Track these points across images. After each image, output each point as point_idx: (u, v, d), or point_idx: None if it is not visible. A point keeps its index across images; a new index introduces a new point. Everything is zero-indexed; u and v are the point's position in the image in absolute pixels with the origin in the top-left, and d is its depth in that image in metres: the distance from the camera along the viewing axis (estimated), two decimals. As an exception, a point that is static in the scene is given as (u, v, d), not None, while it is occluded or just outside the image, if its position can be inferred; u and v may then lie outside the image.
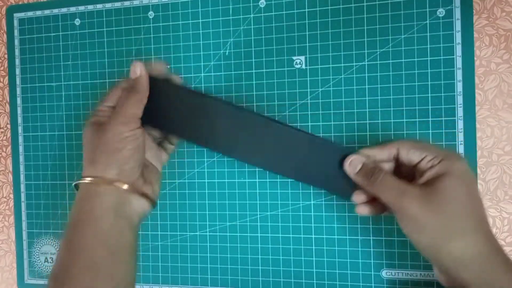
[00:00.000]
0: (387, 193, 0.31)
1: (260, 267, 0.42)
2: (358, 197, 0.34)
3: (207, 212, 0.43)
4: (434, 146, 0.32)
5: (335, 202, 0.40)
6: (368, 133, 0.39)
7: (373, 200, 0.34)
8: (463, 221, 0.29)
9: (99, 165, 0.33)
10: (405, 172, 0.33)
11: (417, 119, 0.38)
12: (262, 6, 0.41)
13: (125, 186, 0.33)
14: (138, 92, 0.34)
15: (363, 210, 0.34)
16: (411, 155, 0.32)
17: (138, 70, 0.35)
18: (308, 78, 0.40)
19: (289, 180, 0.41)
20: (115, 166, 0.33)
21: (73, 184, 0.35)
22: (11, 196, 0.48)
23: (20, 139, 0.47)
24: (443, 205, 0.29)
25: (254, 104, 0.41)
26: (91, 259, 0.31)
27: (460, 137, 0.37)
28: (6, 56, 0.48)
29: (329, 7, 0.39)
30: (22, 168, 0.47)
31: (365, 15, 0.39)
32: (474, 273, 0.28)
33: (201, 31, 0.42)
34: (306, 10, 0.40)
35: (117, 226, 0.33)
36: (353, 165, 0.33)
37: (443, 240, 0.29)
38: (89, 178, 0.33)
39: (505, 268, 0.28)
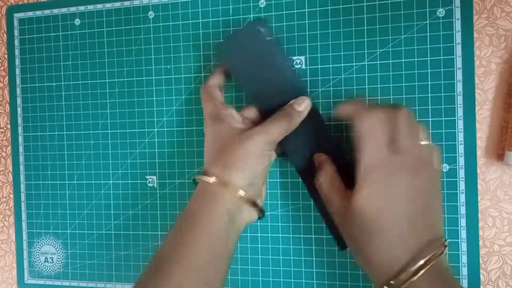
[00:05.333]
0: (321, 196, 0.35)
1: (260, 267, 0.42)
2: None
3: (207, 212, 0.42)
4: (375, 149, 0.31)
5: (335, 202, 0.40)
6: (368, 133, 0.39)
7: None
8: (369, 243, 0.30)
9: (233, 170, 0.33)
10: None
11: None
12: (262, 6, 0.41)
13: (242, 193, 0.33)
14: (292, 124, 0.35)
15: None
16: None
17: (303, 106, 0.36)
18: (308, 78, 0.40)
19: (289, 180, 0.41)
20: (249, 177, 0.33)
21: (194, 177, 0.35)
22: (11, 196, 0.48)
23: (20, 139, 0.47)
24: (354, 223, 0.30)
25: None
26: (198, 262, 0.31)
27: (460, 137, 0.37)
28: (6, 56, 0.48)
29: (329, 7, 0.39)
30: (22, 168, 0.47)
31: (365, 15, 0.39)
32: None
33: (201, 31, 0.42)
34: (306, 10, 0.40)
35: (227, 232, 0.33)
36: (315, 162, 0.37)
37: (354, 253, 0.32)
38: (214, 179, 0.33)
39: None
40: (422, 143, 0.31)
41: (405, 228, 0.29)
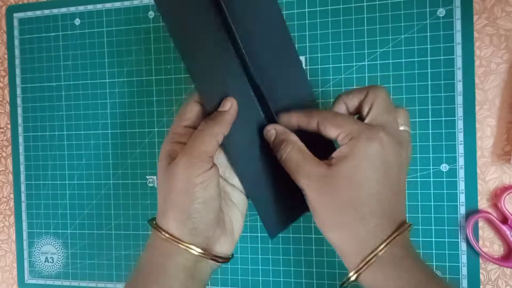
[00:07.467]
0: (290, 169, 0.29)
1: (260, 267, 0.42)
2: None
3: (207, 212, 0.43)
4: (353, 121, 0.28)
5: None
6: (368, 133, 0.39)
7: None
8: (348, 213, 0.27)
9: (170, 220, 0.29)
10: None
11: (417, 119, 0.38)
12: (262, 6, 0.41)
13: (198, 251, 0.29)
14: (217, 124, 0.30)
15: None
16: (327, 131, 0.29)
17: (229, 104, 0.30)
18: (308, 78, 0.40)
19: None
20: (187, 225, 0.29)
21: (148, 221, 0.31)
22: (12, 196, 0.48)
23: (20, 139, 0.47)
24: (337, 192, 0.27)
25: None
26: None
27: (460, 137, 0.37)
28: (6, 56, 0.48)
29: (329, 7, 0.39)
30: (22, 168, 0.47)
31: (365, 15, 0.39)
32: (354, 264, 0.28)
33: (201, 31, 0.42)
34: (306, 10, 0.40)
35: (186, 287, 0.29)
36: (268, 135, 0.31)
37: (326, 227, 0.28)
38: (159, 232, 0.29)
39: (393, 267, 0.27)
40: (401, 128, 0.29)
41: (382, 205, 0.27)
